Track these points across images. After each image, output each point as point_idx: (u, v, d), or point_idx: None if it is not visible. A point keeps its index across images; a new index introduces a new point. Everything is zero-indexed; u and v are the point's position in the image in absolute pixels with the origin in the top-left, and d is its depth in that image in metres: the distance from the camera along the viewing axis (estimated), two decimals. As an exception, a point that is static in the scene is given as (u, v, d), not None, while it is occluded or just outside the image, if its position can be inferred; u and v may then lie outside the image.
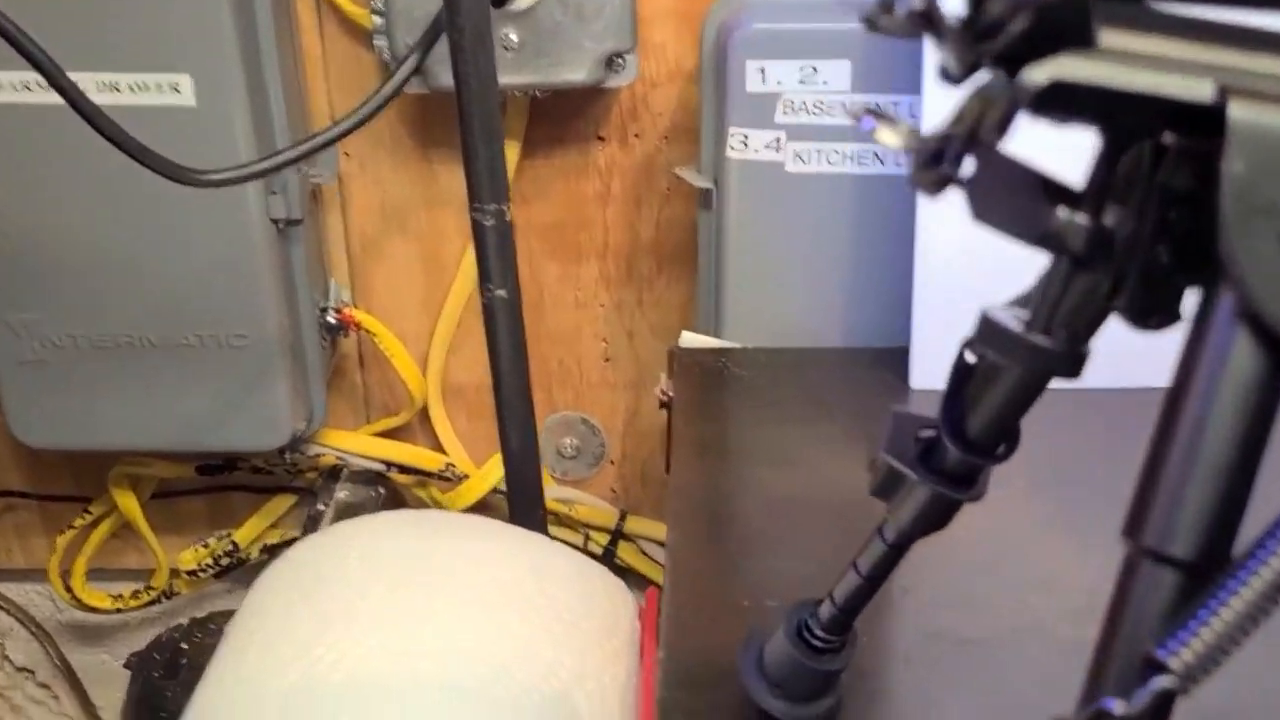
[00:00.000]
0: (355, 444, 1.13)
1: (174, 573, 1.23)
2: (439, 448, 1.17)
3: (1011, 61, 0.31)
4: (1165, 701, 0.29)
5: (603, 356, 1.15)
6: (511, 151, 1.03)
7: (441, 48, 0.85)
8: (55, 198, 0.94)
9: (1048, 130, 0.32)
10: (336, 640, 0.64)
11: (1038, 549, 0.70)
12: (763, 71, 0.88)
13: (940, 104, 0.79)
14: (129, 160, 0.76)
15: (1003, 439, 0.45)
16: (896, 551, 0.51)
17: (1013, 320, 0.37)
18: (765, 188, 0.91)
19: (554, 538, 0.87)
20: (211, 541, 1.22)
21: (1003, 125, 0.31)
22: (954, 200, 0.35)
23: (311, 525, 1.13)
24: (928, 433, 0.48)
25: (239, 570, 1.23)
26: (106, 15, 0.88)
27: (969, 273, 0.81)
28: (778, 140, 0.89)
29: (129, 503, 1.17)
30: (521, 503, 0.85)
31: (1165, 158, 0.32)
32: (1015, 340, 0.37)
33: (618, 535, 1.19)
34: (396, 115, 1.06)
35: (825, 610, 0.54)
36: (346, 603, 0.68)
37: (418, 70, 0.95)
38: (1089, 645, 0.32)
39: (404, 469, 1.15)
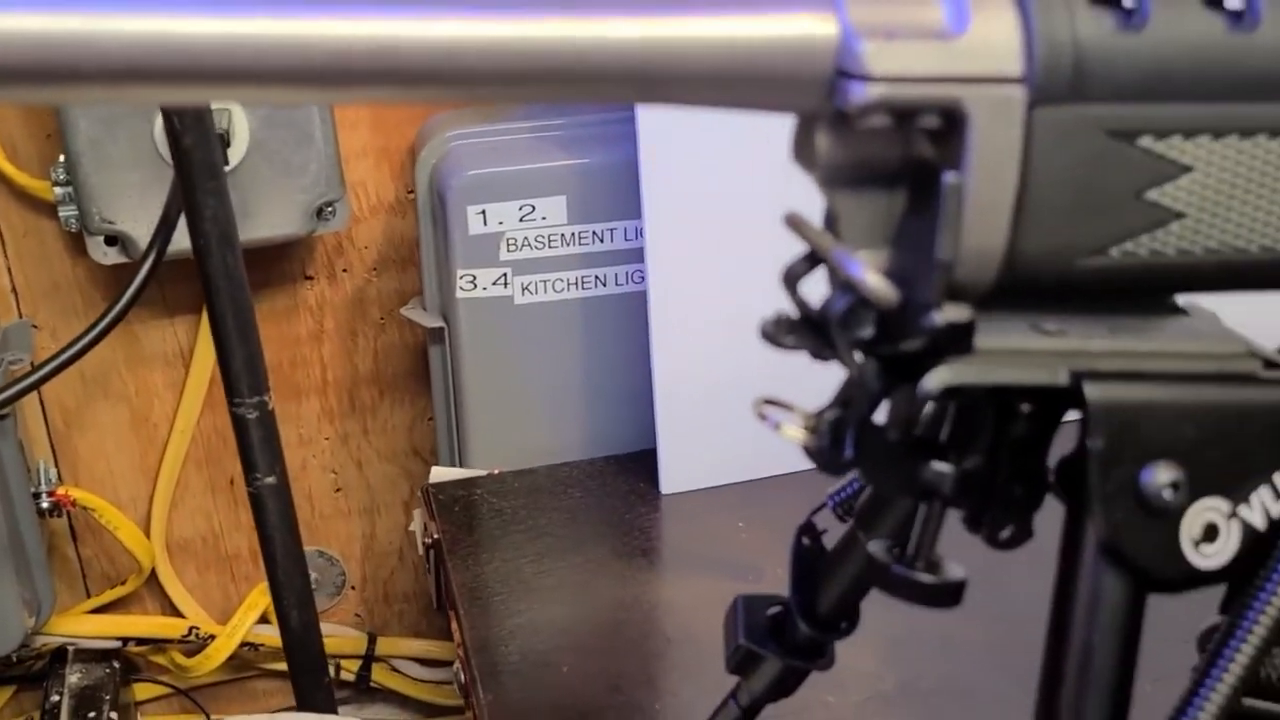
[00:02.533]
0: (84, 626, 1.08)
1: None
2: (171, 609, 1.13)
3: (893, 360, 0.35)
4: None
5: (333, 488, 1.15)
6: (220, 305, 1.01)
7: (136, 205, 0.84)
8: None
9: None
10: None
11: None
12: (483, 214, 0.90)
13: (660, 223, 0.83)
14: None
15: (847, 619, 0.50)
16: (749, 716, 0.55)
17: (883, 553, 0.42)
18: (496, 320, 0.93)
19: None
20: (-73, 750, 1.13)
21: (909, 422, 0.36)
22: (684, 308, 0.38)
23: (50, 716, 1.06)
24: (775, 610, 0.52)
25: (-40, 773, 1.14)
26: None
27: (707, 377, 0.87)
28: (504, 276, 0.92)
29: None
30: (307, 678, 0.84)
31: (1015, 418, 0.38)
32: (890, 574, 0.41)
33: (369, 659, 1.19)
34: (88, 279, 1.01)
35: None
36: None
37: (115, 241, 0.92)
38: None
39: (142, 641, 1.10)
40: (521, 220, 0.91)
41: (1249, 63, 0.34)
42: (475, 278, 0.92)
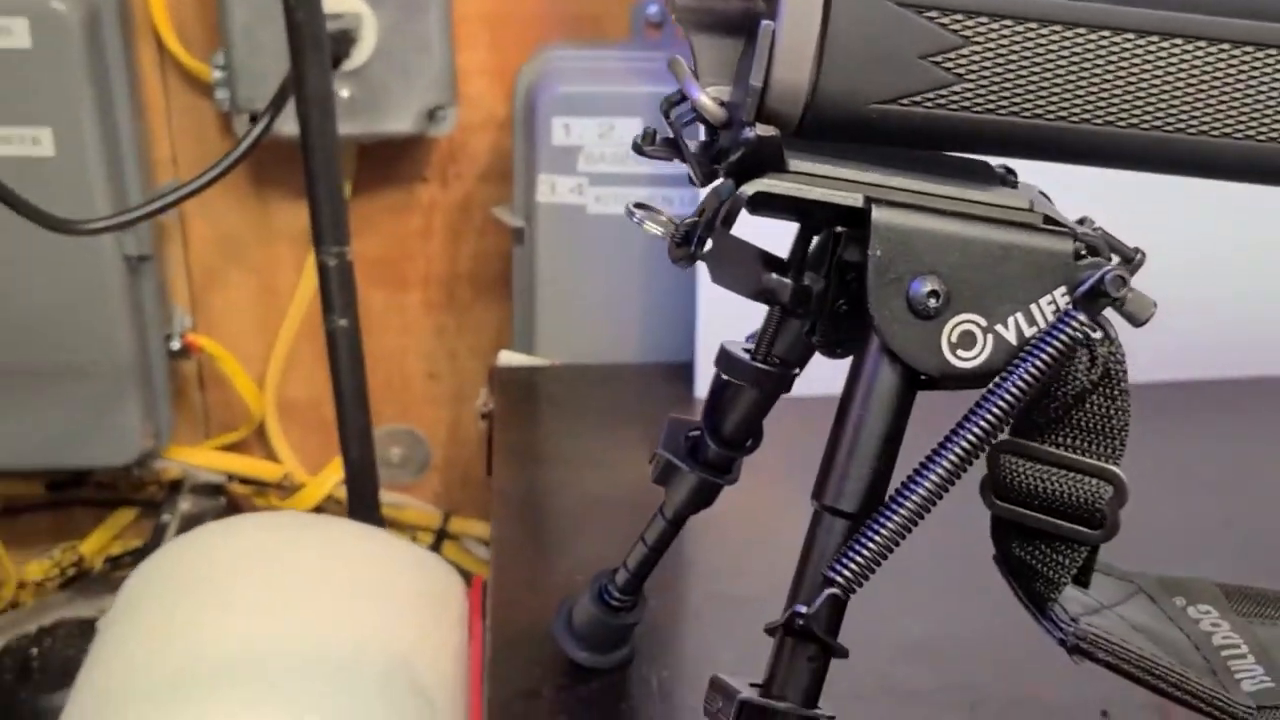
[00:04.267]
0: (198, 457, 1.23)
1: (20, 584, 1.30)
2: (275, 460, 1.27)
3: (736, 176, 0.45)
4: (836, 603, 0.44)
5: (427, 374, 1.28)
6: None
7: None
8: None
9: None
10: (210, 626, 0.76)
11: (786, 524, 0.85)
12: (567, 127, 1.02)
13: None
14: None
15: (749, 435, 0.60)
16: (674, 526, 0.65)
17: (740, 351, 0.52)
18: (570, 226, 1.05)
19: (388, 536, 0.99)
20: (57, 553, 1.30)
21: (729, 219, 0.46)
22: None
23: (158, 536, 1.22)
24: (694, 433, 0.63)
25: (82, 581, 1.31)
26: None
27: (743, 300, 0.97)
28: (580, 186, 1.04)
29: (-22, 519, 1.25)
30: (360, 506, 0.97)
31: (841, 240, 0.47)
32: (744, 366, 0.51)
33: (442, 534, 1.32)
34: (234, 158, 1.16)
35: (620, 576, 0.68)
36: (215, 594, 0.79)
37: (256, 121, 1.06)
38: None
39: (244, 480, 1.25)
40: (600, 136, 1.02)
41: (1026, -41, 0.43)
42: (554, 184, 1.03)
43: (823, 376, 0.56)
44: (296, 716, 0.70)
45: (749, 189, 0.44)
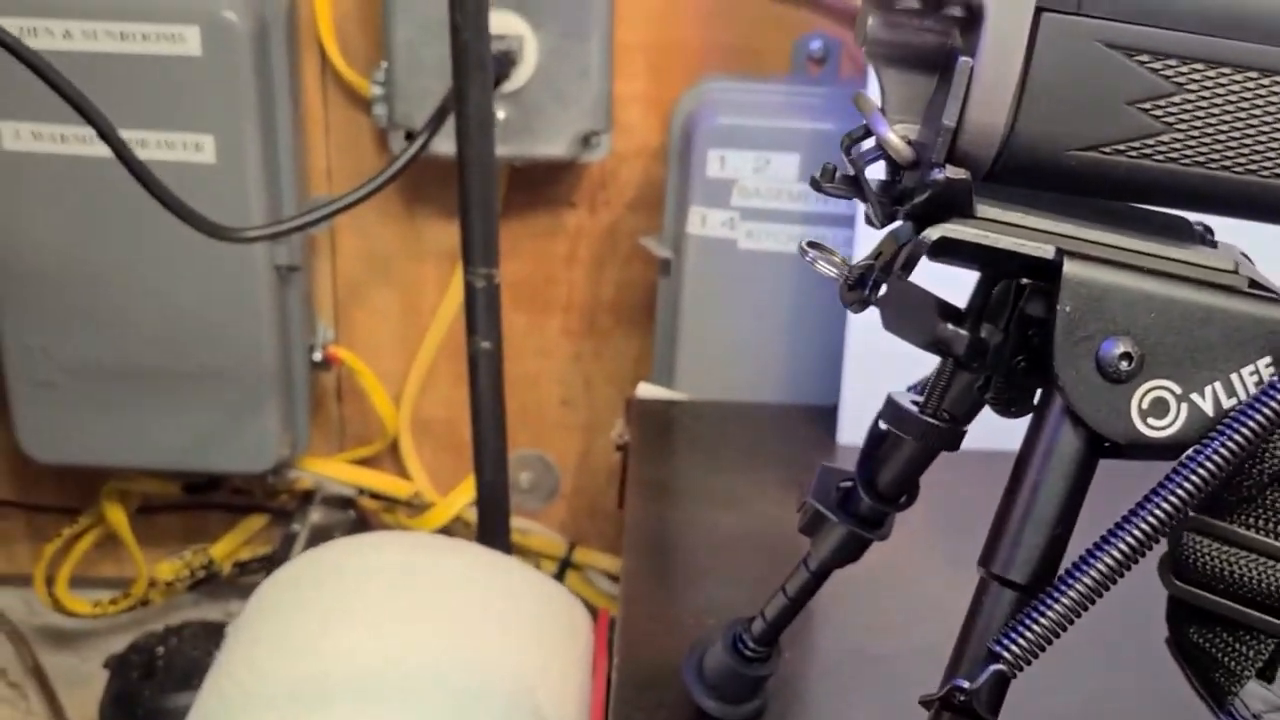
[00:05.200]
0: (331, 469, 1.24)
1: (150, 583, 1.32)
2: (406, 477, 1.28)
3: (918, 219, 0.43)
4: (1000, 680, 0.41)
5: (560, 400, 1.27)
6: (491, 213, 1.15)
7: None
8: (85, 239, 1.04)
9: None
10: (339, 638, 0.75)
11: (929, 584, 0.82)
12: (722, 160, 1.00)
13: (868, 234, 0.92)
14: (156, 208, 0.86)
15: (905, 491, 0.57)
16: (817, 579, 0.63)
17: (909, 403, 0.49)
18: (719, 260, 1.03)
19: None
20: (188, 555, 1.31)
21: (909, 264, 0.43)
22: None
23: (287, 544, 1.23)
24: (846, 483, 0.60)
25: (210, 584, 1.33)
26: (141, 78, 0.99)
27: (891, 345, 0.94)
28: (732, 220, 1.02)
29: (118, 516, 1.27)
30: (490, 527, 0.96)
31: (1025, 293, 0.45)
32: (911, 420, 0.49)
33: (566, 564, 1.30)
34: (388, 173, 1.17)
35: (756, 625, 0.66)
36: (345, 607, 0.78)
37: (412, 138, 1.06)
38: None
39: (374, 495, 1.25)
40: (756, 171, 1.00)
41: (1250, 4, 0.40)
42: (705, 217, 1.02)
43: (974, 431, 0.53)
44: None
45: (934, 233, 0.42)
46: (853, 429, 0.99)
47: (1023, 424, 0.46)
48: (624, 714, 0.70)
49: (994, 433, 0.49)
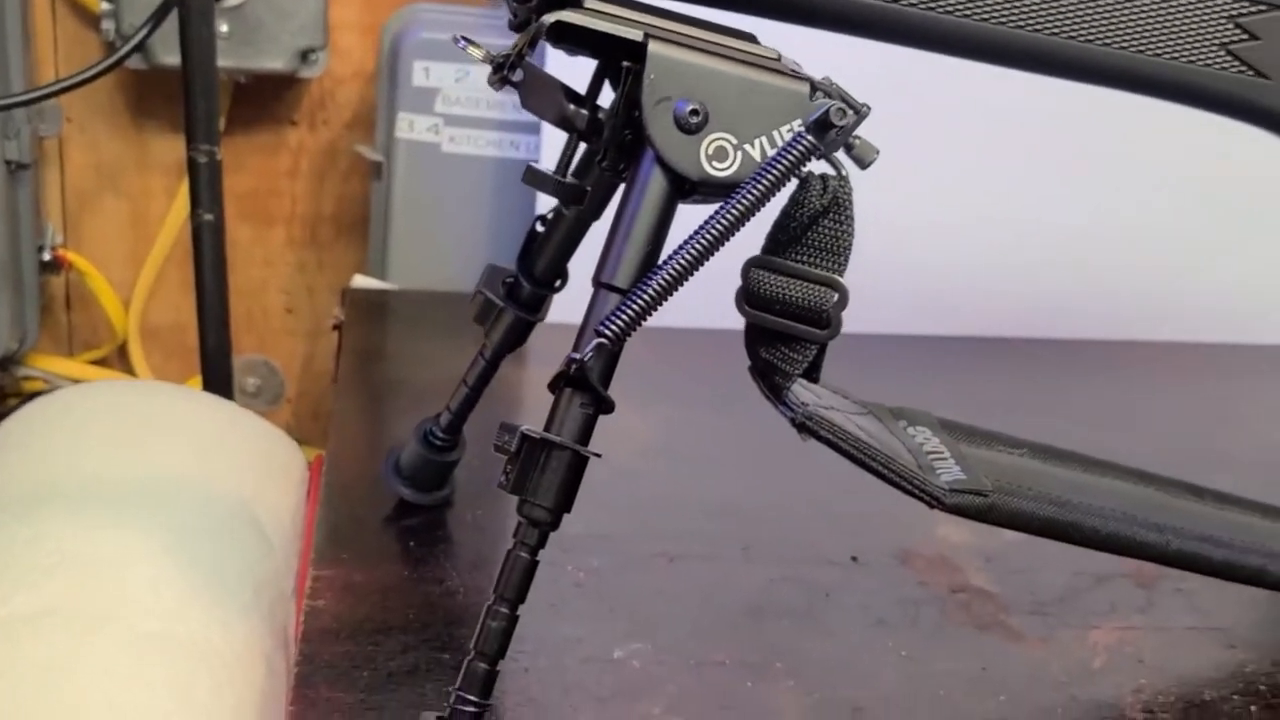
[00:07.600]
0: (59, 367, 1.30)
1: None
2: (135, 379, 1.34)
3: (539, 12, 0.56)
4: (607, 358, 0.55)
5: (285, 308, 1.36)
6: (216, 126, 1.24)
7: (165, 29, 1.06)
8: None
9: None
10: (64, 463, 0.83)
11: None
12: (427, 70, 1.12)
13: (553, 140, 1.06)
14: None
15: (558, 275, 0.71)
16: (491, 366, 0.76)
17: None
18: (425, 162, 1.15)
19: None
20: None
21: (532, 44, 0.57)
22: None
23: (15, 442, 1.28)
24: (510, 279, 0.73)
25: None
26: None
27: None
28: (436, 126, 1.14)
29: None
30: (215, 388, 1.05)
31: (629, 77, 0.59)
32: (547, 179, 0.62)
33: (291, 466, 1.39)
34: (116, 87, 1.25)
35: (444, 418, 0.78)
36: (73, 437, 0.86)
37: (140, 47, 1.14)
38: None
39: (103, 396, 1.31)
40: (456, 81, 1.13)
41: None
42: (413, 123, 1.14)
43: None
44: (139, 538, 0.77)
45: (550, 18, 0.55)
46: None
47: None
48: (330, 508, 0.81)
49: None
